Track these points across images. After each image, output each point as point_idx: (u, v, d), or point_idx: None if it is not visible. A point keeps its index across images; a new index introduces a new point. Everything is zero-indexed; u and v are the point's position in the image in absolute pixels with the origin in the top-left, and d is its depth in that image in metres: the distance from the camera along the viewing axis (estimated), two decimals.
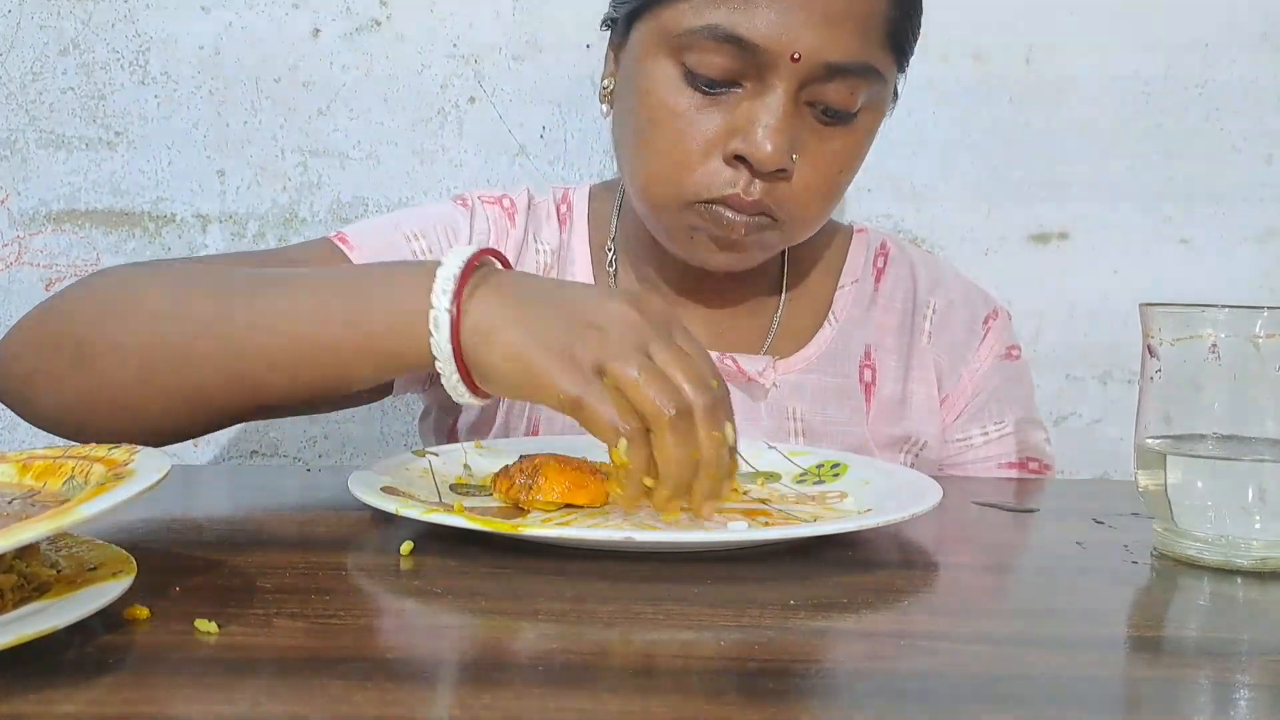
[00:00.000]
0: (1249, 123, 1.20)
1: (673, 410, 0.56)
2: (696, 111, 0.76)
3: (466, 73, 1.18)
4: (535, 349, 0.58)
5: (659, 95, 0.77)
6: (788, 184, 0.77)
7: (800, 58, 0.73)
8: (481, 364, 0.60)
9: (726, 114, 0.76)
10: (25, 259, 1.18)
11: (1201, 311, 0.59)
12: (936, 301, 0.92)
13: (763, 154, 0.74)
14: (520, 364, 0.58)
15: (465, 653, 0.45)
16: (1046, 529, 0.71)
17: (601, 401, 0.56)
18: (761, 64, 0.74)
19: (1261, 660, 0.46)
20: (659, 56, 0.77)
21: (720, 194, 0.76)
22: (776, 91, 0.74)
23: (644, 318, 0.60)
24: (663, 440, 0.56)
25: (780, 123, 0.74)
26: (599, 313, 0.59)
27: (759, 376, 0.85)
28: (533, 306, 0.60)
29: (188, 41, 1.16)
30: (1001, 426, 0.91)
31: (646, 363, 0.57)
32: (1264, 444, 0.58)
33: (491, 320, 0.59)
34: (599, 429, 0.57)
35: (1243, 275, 1.21)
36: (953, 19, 1.18)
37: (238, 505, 0.69)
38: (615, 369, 0.57)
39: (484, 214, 0.91)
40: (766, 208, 0.77)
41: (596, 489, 0.63)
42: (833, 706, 0.41)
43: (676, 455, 0.56)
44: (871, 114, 0.79)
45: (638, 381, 0.56)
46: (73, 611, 0.41)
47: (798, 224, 0.80)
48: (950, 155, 1.20)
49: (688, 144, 0.76)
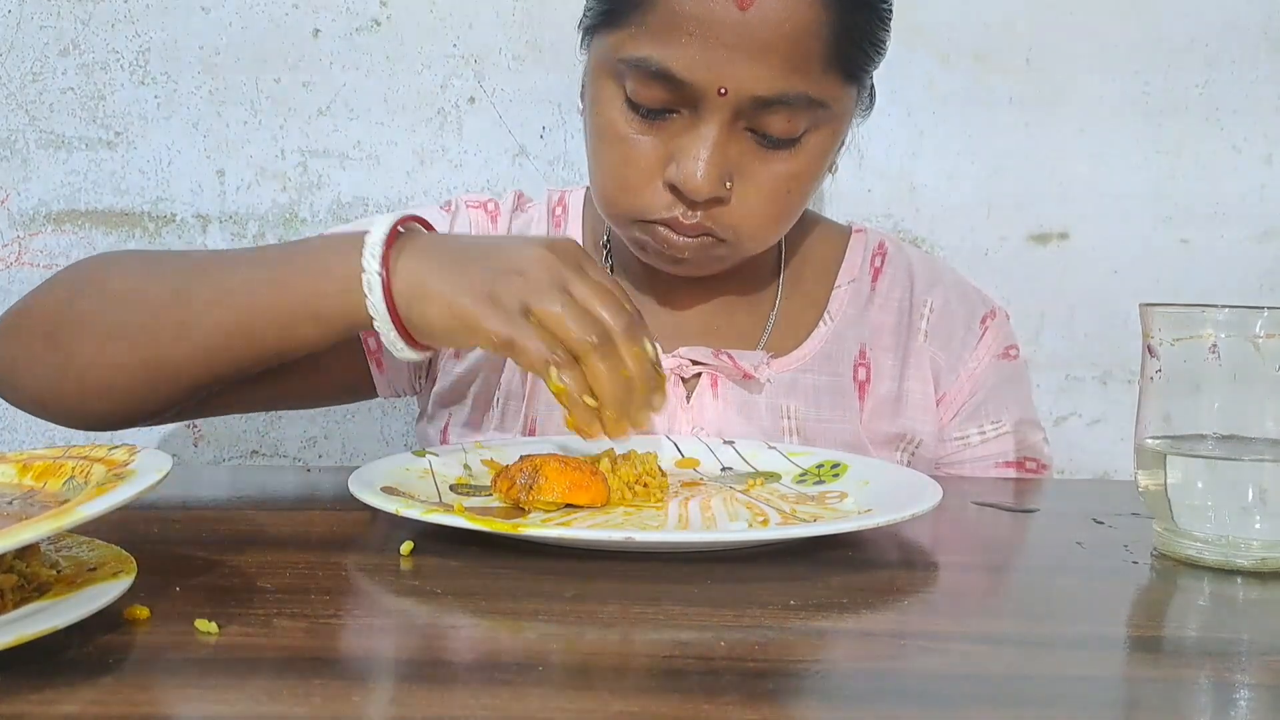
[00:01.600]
0: (1249, 123, 1.20)
1: (595, 337, 0.63)
2: (637, 135, 0.77)
3: (466, 73, 1.18)
4: (463, 297, 0.64)
5: (606, 115, 0.78)
6: (728, 208, 0.77)
7: (727, 92, 0.73)
8: (416, 319, 0.66)
9: (664, 141, 0.77)
10: (25, 259, 1.18)
11: (1201, 311, 0.59)
12: (933, 300, 0.92)
13: (693, 184, 0.75)
14: (451, 312, 0.65)
15: (465, 653, 0.45)
16: (1046, 529, 0.71)
17: (530, 338, 0.63)
18: (692, 97, 0.75)
19: (1261, 660, 0.46)
20: (606, 77, 0.78)
21: (659, 217, 0.78)
22: (710, 123, 0.75)
23: (559, 258, 0.66)
24: (593, 365, 0.63)
25: (711, 154, 0.75)
26: (517, 258, 0.66)
27: (754, 372, 0.85)
28: (456, 260, 0.66)
29: (188, 41, 1.16)
30: (999, 426, 0.91)
31: (566, 298, 0.64)
32: (1264, 444, 0.58)
33: (419, 277, 0.66)
34: (531, 362, 0.63)
35: (1243, 275, 1.21)
36: (953, 19, 1.18)
37: (238, 505, 0.69)
38: (539, 307, 0.64)
39: (466, 216, 0.92)
40: (708, 229, 0.78)
41: (597, 489, 0.63)
42: (832, 707, 0.41)
43: (608, 376, 0.63)
44: (822, 133, 0.78)
45: (561, 315, 0.63)
46: (73, 612, 0.41)
47: (746, 242, 0.80)
48: (950, 155, 1.20)
49: (629, 166, 0.78)
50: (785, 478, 0.74)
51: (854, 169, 1.20)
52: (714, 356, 0.85)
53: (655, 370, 0.66)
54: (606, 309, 0.64)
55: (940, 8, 1.19)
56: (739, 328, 0.89)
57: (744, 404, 0.86)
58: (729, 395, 0.86)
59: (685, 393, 0.86)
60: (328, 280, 0.68)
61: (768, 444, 0.80)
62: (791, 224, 0.84)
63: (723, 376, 0.86)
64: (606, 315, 0.64)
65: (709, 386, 0.86)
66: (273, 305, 0.69)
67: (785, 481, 0.74)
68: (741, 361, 0.85)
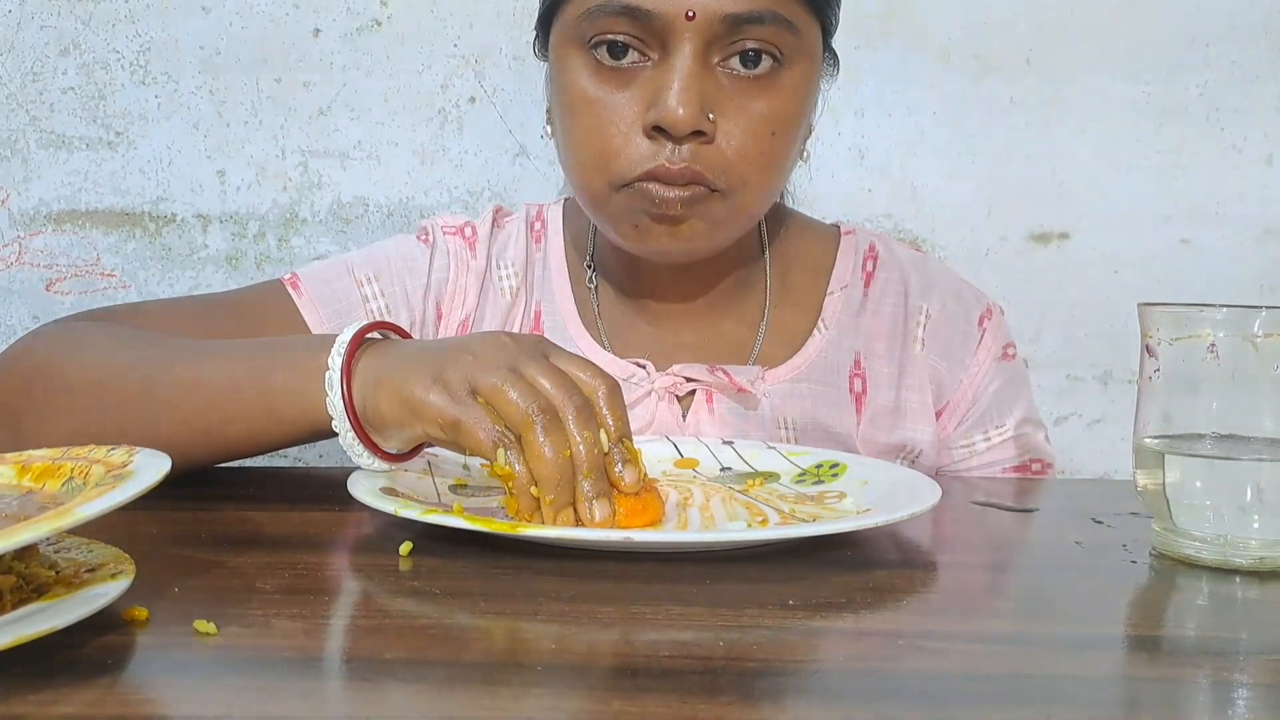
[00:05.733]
0: (1249, 123, 1.20)
1: (538, 413, 0.58)
2: (610, 94, 0.76)
3: (466, 73, 1.18)
4: (413, 383, 0.61)
5: (575, 87, 0.77)
6: (714, 147, 0.75)
7: (695, 15, 0.72)
8: (371, 415, 0.63)
9: (638, 90, 0.76)
10: (25, 259, 1.18)
11: (1200, 311, 0.59)
12: (929, 306, 0.90)
13: (674, 116, 0.73)
14: (400, 399, 0.61)
15: (464, 653, 0.45)
16: (1045, 528, 0.71)
17: (477, 418, 0.59)
18: (660, 30, 0.74)
19: (1259, 659, 0.46)
20: (570, 52, 0.78)
21: (645, 169, 0.75)
22: (681, 54, 0.74)
23: (515, 342, 0.63)
24: (532, 441, 0.58)
25: (688, 83, 0.73)
26: (473, 343, 0.63)
27: (749, 386, 0.84)
28: (414, 355, 0.63)
29: (188, 41, 1.16)
30: (1003, 430, 0.91)
31: (512, 375, 0.60)
32: (1262, 443, 0.58)
33: (377, 372, 0.63)
34: (476, 444, 0.59)
35: (1242, 275, 1.21)
36: (953, 19, 1.18)
37: (237, 505, 0.69)
38: (482, 383, 0.60)
39: (444, 247, 0.90)
40: (698, 175, 0.75)
41: (654, 509, 0.61)
42: (831, 706, 0.41)
43: (546, 455, 0.57)
44: (795, 71, 0.77)
45: (502, 389, 0.59)
46: (72, 612, 0.41)
47: (737, 190, 0.77)
48: (950, 155, 1.20)
49: (606, 127, 0.76)
50: (784, 478, 0.74)
51: (854, 169, 1.20)
52: (708, 373, 0.84)
53: (624, 446, 0.61)
54: (557, 386, 0.60)
55: (940, 8, 1.19)
56: (731, 339, 0.89)
57: (740, 419, 0.85)
58: (724, 411, 0.85)
59: (681, 410, 0.85)
60: (291, 380, 0.66)
61: (766, 444, 0.80)
62: (781, 177, 0.81)
63: (717, 392, 0.85)
64: (556, 392, 0.59)
65: (704, 403, 0.85)
66: (239, 407, 0.68)
67: (784, 481, 0.74)
68: (736, 377, 0.84)
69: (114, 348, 0.73)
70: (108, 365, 0.71)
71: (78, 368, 0.72)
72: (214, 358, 0.70)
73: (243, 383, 0.68)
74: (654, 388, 0.84)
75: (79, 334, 0.76)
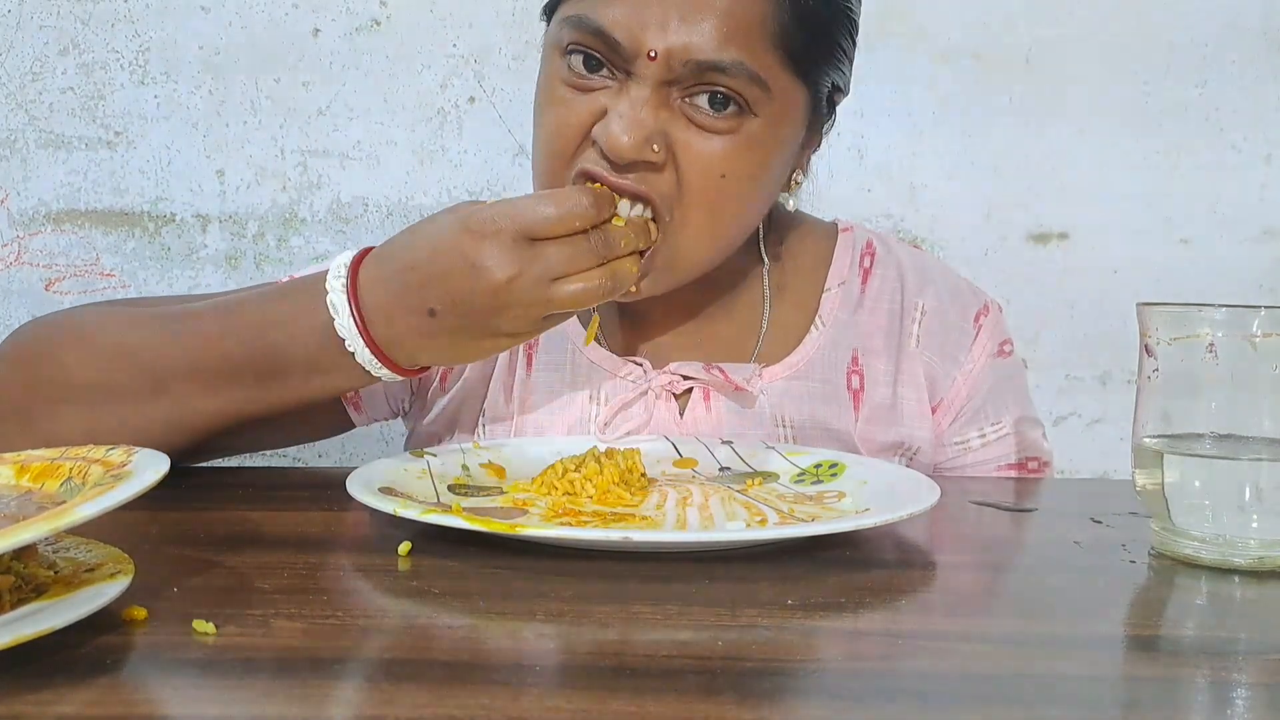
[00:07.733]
0: (1249, 123, 1.20)
1: (575, 227, 0.67)
2: (572, 96, 0.76)
3: (465, 73, 1.18)
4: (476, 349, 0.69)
5: (548, 89, 0.78)
6: (664, 176, 0.75)
7: (656, 56, 0.72)
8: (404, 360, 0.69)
9: (598, 106, 0.76)
10: (25, 259, 1.18)
11: (1199, 311, 0.59)
12: (925, 303, 0.90)
13: (616, 142, 0.72)
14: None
15: (464, 653, 0.45)
16: (1044, 528, 0.71)
17: (556, 256, 0.67)
18: (624, 58, 0.74)
19: (1258, 659, 0.46)
20: (553, 55, 0.78)
21: (585, 168, 0.75)
22: (640, 84, 0.74)
23: (477, 220, 0.67)
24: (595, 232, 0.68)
25: (635, 112, 0.73)
26: (449, 247, 0.67)
27: (746, 385, 0.84)
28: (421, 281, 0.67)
29: (187, 41, 1.16)
30: (999, 428, 0.90)
31: (523, 241, 0.66)
32: (1261, 443, 0.58)
33: (385, 290, 0.68)
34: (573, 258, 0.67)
35: (1242, 275, 1.21)
36: (953, 19, 1.18)
37: (236, 506, 0.69)
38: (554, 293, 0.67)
39: None
40: (642, 193, 0.74)
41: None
42: (829, 706, 0.41)
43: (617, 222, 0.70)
44: (763, 125, 0.76)
45: (567, 259, 0.67)
46: (71, 612, 0.41)
47: (678, 230, 0.76)
48: (950, 155, 1.20)
49: (563, 130, 0.76)
50: (783, 477, 0.74)
51: (854, 169, 1.20)
52: (705, 371, 0.84)
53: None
54: (555, 211, 0.67)
55: (940, 8, 1.19)
56: (730, 337, 0.88)
57: (738, 417, 0.85)
58: (722, 409, 0.85)
59: (678, 409, 0.85)
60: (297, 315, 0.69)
61: (765, 444, 0.80)
62: (728, 225, 0.79)
63: (715, 390, 0.85)
64: (558, 213, 0.66)
65: (701, 400, 0.85)
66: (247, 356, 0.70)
67: (783, 481, 0.74)
68: (733, 375, 0.84)
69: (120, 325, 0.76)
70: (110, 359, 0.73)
71: (75, 365, 0.73)
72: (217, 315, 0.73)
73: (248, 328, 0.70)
74: (651, 386, 0.84)
75: (77, 330, 0.77)
